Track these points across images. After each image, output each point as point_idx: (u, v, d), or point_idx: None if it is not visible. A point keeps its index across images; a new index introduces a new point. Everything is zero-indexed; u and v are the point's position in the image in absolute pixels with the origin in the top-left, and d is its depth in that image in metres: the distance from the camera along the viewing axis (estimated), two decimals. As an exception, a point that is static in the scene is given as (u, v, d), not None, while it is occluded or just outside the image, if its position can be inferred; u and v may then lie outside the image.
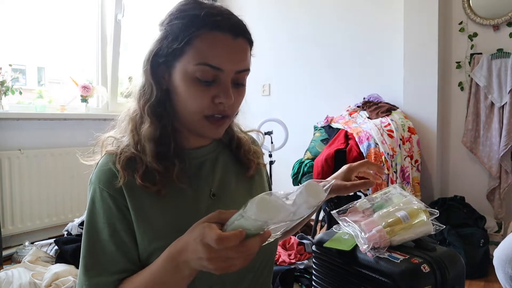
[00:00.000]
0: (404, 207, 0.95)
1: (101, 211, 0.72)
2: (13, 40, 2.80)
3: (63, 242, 2.13)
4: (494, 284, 2.15)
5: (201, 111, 0.72)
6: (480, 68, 2.71)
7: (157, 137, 0.74)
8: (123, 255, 0.71)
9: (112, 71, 3.16)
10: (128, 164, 0.73)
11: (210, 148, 0.85)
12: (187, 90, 0.71)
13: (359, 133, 2.58)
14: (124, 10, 3.15)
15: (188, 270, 0.60)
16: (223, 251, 0.52)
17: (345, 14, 3.30)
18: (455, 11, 2.85)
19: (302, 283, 1.95)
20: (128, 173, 0.72)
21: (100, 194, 0.73)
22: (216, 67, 0.70)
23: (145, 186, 0.72)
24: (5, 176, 2.45)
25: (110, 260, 0.70)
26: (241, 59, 0.73)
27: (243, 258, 0.53)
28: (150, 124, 0.74)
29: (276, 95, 3.68)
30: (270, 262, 0.87)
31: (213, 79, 0.71)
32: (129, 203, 0.72)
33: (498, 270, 1.41)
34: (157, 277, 0.64)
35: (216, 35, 0.70)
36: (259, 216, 0.50)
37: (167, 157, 0.74)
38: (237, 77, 0.74)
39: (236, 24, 0.72)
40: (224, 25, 0.70)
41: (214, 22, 0.70)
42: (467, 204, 2.59)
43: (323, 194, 0.56)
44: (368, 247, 0.89)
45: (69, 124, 2.83)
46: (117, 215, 0.72)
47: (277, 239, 0.86)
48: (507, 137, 2.58)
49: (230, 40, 0.71)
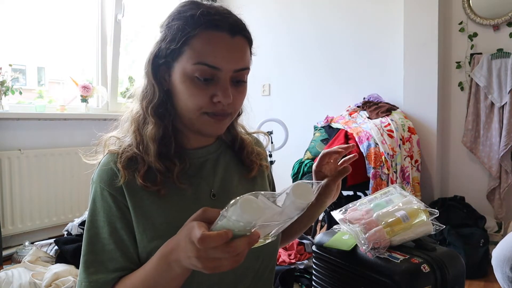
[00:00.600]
0: (404, 207, 0.95)
1: (101, 209, 0.73)
2: (13, 40, 2.80)
3: (63, 242, 2.13)
4: (494, 284, 2.15)
5: (200, 109, 0.73)
6: (480, 68, 2.71)
7: (160, 138, 0.75)
8: (122, 254, 0.71)
9: (112, 71, 3.16)
10: (129, 163, 0.74)
11: (212, 149, 0.85)
12: (186, 89, 0.72)
13: (359, 133, 2.58)
14: (124, 10, 3.15)
15: (179, 269, 0.59)
16: (209, 250, 0.52)
17: (345, 14, 3.30)
18: (455, 11, 2.85)
19: (302, 283, 1.95)
20: (128, 172, 0.73)
21: (100, 193, 0.74)
22: (213, 66, 0.70)
23: (146, 186, 0.72)
24: (5, 176, 2.45)
25: (109, 258, 0.71)
26: (239, 58, 0.73)
27: (231, 259, 0.52)
28: (154, 125, 0.75)
29: (276, 95, 3.69)
30: (270, 264, 0.86)
31: (212, 78, 0.71)
32: (129, 202, 0.73)
33: (496, 270, 1.42)
34: (150, 275, 0.64)
35: (212, 34, 0.70)
36: (241, 217, 0.49)
37: (168, 157, 0.75)
38: (237, 75, 0.74)
39: (234, 23, 0.72)
40: (221, 24, 0.71)
41: (211, 21, 0.71)
42: (467, 204, 2.59)
43: (311, 196, 0.55)
44: (368, 247, 0.89)
45: (69, 124, 2.83)
46: (117, 214, 0.72)
47: (275, 242, 0.86)
48: (507, 137, 2.58)
49: (227, 39, 0.71)
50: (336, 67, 3.36)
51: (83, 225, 2.23)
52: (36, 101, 2.96)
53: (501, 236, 2.55)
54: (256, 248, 0.57)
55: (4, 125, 2.49)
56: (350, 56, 3.29)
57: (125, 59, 3.43)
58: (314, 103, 3.46)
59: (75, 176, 2.78)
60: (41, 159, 2.62)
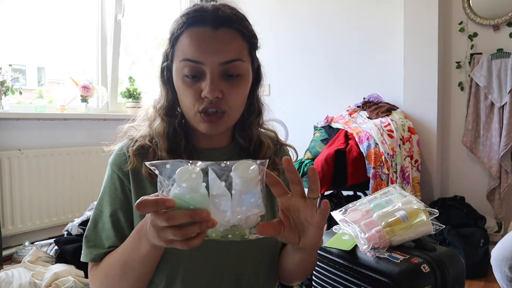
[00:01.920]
0: (404, 207, 0.95)
1: (108, 190, 0.78)
2: (13, 40, 2.80)
3: (63, 242, 2.13)
4: (494, 284, 2.15)
5: (193, 107, 0.73)
6: (480, 68, 2.71)
7: (168, 134, 0.78)
8: (116, 234, 0.76)
9: (112, 71, 3.15)
10: (140, 151, 0.78)
11: (224, 151, 0.83)
12: (180, 87, 0.75)
13: (359, 133, 2.58)
14: (124, 10, 3.14)
15: (147, 243, 0.62)
16: (155, 218, 0.53)
17: (345, 14, 3.30)
18: (455, 11, 2.85)
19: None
20: (137, 160, 0.76)
21: (111, 175, 0.79)
22: (196, 61, 0.71)
23: (150, 175, 0.75)
24: (5, 176, 2.45)
25: (106, 236, 0.76)
26: (223, 50, 0.72)
27: (172, 231, 0.52)
28: (160, 121, 0.78)
29: (276, 95, 3.68)
30: (262, 265, 0.80)
31: (199, 74, 0.72)
32: (133, 188, 0.76)
33: (495, 269, 1.42)
34: (126, 250, 0.69)
35: (195, 29, 0.72)
36: (178, 183, 0.52)
37: (178, 153, 0.78)
38: (226, 68, 0.72)
39: (218, 16, 0.72)
40: (203, 20, 0.72)
41: (193, 18, 0.73)
42: (467, 204, 2.59)
43: (249, 173, 0.55)
44: (368, 247, 0.89)
45: (69, 124, 2.83)
46: (121, 197, 0.77)
47: (259, 243, 0.70)
48: (507, 137, 2.58)
49: (208, 32, 0.71)
50: (336, 67, 3.36)
51: (83, 225, 2.23)
52: (36, 101, 2.96)
53: (501, 236, 2.55)
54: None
55: (4, 125, 2.49)
56: (350, 56, 3.29)
57: (125, 59, 3.43)
58: (314, 103, 3.46)
59: (75, 176, 2.78)
60: (41, 159, 2.62)
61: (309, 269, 0.80)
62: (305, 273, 0.81)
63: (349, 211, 1.04)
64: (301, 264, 0.76)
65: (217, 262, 0.76)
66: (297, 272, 0.81)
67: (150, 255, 0.65)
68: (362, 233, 0.92)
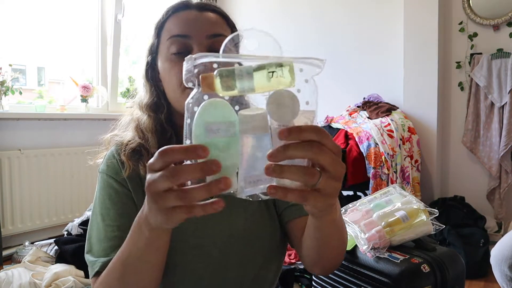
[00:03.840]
0: (403, 207, 0.95)
1: (106, 197, 0.75)
2: (13, 40, 2.80)
3: (63, 242, 2.13)
4: (494, 284, 2.15)
5: (179, 85, 0.72)
6: (480, 68, 2.71)
7: (156, 130, 0.76)
8: (112, 237, 0.72)
9: (112, 71, 3.15)
10: (133, 154, 0.76)
11: None
12: (166, 68, 0.74)
13: (359, 133, 2.58)
14: (124, 10, 3.15)
15: (146, 228, 0.53)
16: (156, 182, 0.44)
17: (345, 14, 3.30)
18: (455, 11, 2.85)
19: (302, 283, 1.95)
20: (133, 163, 0.75)
21: (106, 181, 0.76)
22: (182, 35, 0.72)
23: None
24: (5, 176, 2.45)
25: (108, 238, 0.72)
26: (210, 24, 0.74)
27: (175, 194, 0.43)
28: (147, 117, 0.77)
29: (276, 95, 3.68)
30: (267, 263, 0.82)
31: (186, 49, 0.72)
32: (133, 194, 0.74)
33: (495, 269, 1.42)
34: (124, 250, 0.61)
35: (181, 12, 0.75)
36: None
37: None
38: (213, 43, 0.73)
39: (202, 4, 0.76)
40: (188, 5, 0.75)
41: (179, 4, 0.76)
42: (467, 204, 2.58)
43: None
44: (368, 247, 0.89)
45: (69, 124, 2.83)
46: (120, 200, 0.74)
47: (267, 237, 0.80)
48: (507, 137, 2.58)
49: (194, 12, 0.74)
50: (336, 67, 3.36)
51: (83, 225, 2.23)
52: (36, 101, 2.96)
53: (501, 236, 2.55)
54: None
55: (4, 125, 2.49)
56: (350, 56, 3.29)
57: (125, 59, 3.43)
58: (314, 103, 3.46)
59: (75, 176, 2.78)
60: (41, 159, 2.62)
61: (334, 241, 0.66)
62: (332, 249, 0.68)
63: (349, 211, 1.04)
64: (318, 234, 0.64)
65: (219, 266, 0.75)
66: (322, 248, 0.67)
67: (151, 245, 0.56)
68: (362, 233, 0.92)
